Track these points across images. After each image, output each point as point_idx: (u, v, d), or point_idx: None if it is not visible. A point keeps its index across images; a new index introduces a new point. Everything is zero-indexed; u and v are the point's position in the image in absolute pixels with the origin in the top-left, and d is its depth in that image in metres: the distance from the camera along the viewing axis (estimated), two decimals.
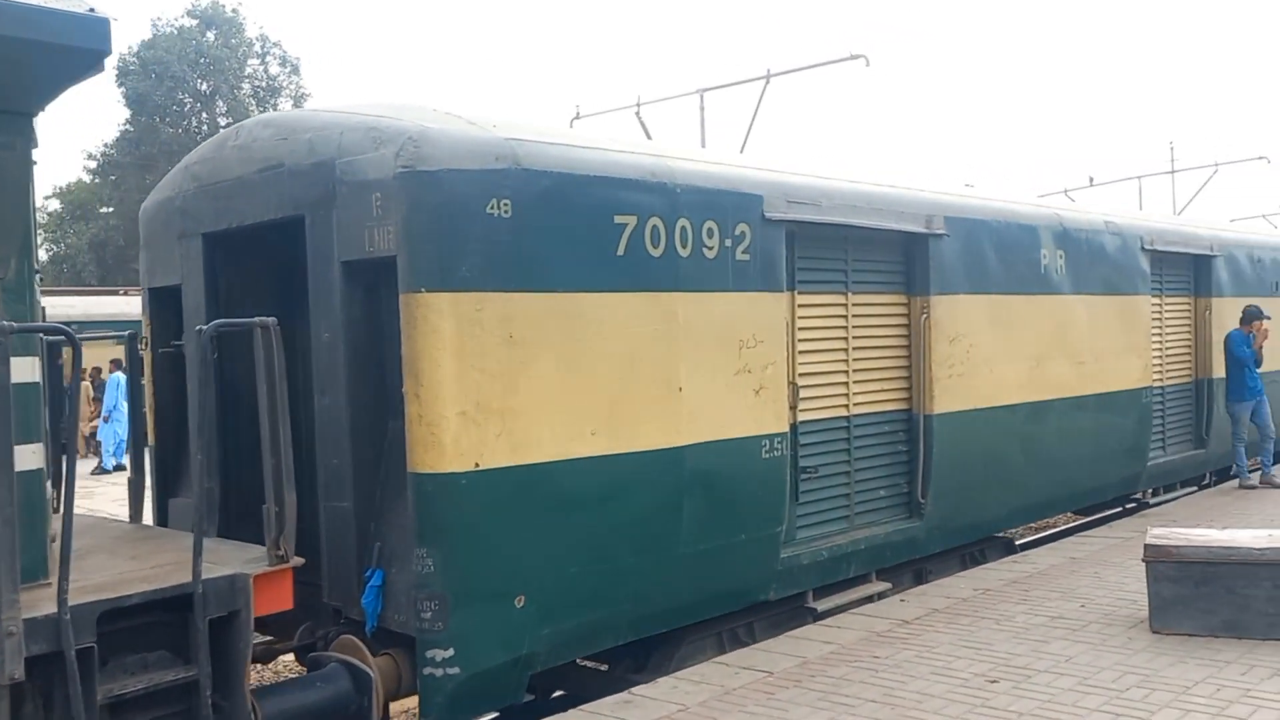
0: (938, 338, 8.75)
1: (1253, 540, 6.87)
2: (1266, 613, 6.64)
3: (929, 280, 8.70)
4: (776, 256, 7.39)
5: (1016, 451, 9.62)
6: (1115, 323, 10.96)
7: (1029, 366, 9.75)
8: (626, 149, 6.70)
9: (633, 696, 6.14)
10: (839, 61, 12.95)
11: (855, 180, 8.34)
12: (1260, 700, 5.62)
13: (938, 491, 8.78)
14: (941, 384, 8.76)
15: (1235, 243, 13.31)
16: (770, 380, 7.30)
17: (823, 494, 8.07)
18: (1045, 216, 10.09)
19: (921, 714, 5.60)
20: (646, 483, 6.54)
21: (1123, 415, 11.03)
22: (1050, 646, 6.68)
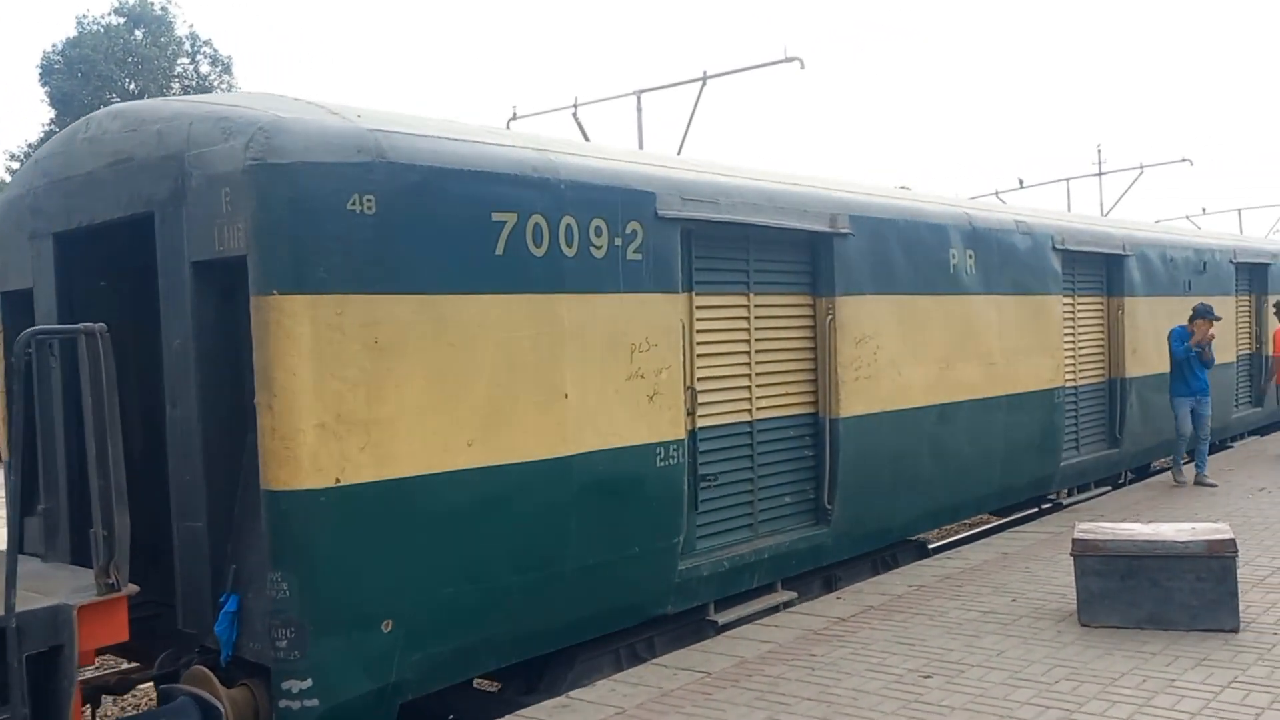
0: (844, 339, 8.41)
1: (1175, 534, 6.86)
2: (1189, 604, 6.65)
3: (834, 280, 8.35)
4: (671, 256, 6.98)
5: (926, 454, 9.31)
6: (1026, 323, 10.72)
7: (938, 368, 9.45)
8: (506, 142, 6.24)
9: (570, 700, 5.97)
10: (774, 64, 12.86)
11: (756, 178, 7.96)
12: (1184, 690, 5.63)
13: (845, 497, 8.43)
14: (848, 387, 8.42)
15: (1148, 242, 13.18)
16: (665, 385, 6.89)
17: (724, 502, 7.67)
18: (954, 216, 9.80)
19: (856, 710, 5.56)
20: (529, 495, 6.09)
21: (1035, 416, 10.80)
22: (982, 641, 6.65)
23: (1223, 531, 6.88)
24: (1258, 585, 7.68)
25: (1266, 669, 5.96)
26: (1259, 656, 6.18)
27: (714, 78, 13.10)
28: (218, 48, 58.84)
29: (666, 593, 7.05)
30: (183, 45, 49.67)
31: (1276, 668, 5.98)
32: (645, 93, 13.49)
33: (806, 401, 8.40)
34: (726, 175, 7.65)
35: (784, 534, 8.09)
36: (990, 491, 10.37)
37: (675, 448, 6.96)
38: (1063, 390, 11.34)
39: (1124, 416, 12.50)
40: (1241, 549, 7.08)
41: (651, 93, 13.60)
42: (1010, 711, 5.46)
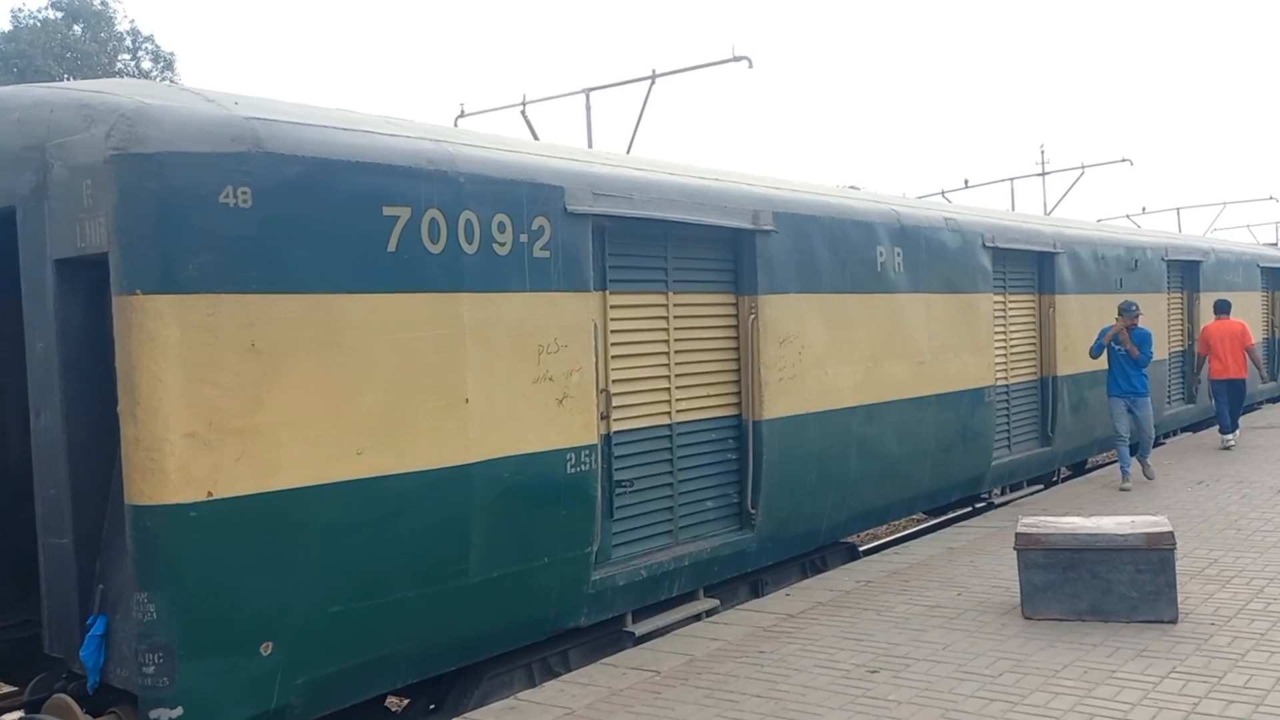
0: (767, 339, 8.12)
1: (1115, 527, 6.89)
2: (1128, 596, 6.69)
3: (757, 279, 8.05)
4: (582, 253, 6.64)
5: (854, 455, 9.06)
6: (956, 321, 10.51)
7: (865, 367, 9.20)
8: (400, 133, 5.86)
9: (518, 702, 5.87)
10: (723, 63, 12.67)
11: (675, 173, 7.64)
12: (1124, 681, 5.66)
13: (769, 501, 8.14)
14: (772, 388, 8.13)
15: (1079, 239, 13.05)
16: (576, 388, 6.55)
17: (642, 509, 7.35)
18: (882, 213, 9.56)
19: (805, 706, 5.54)
20: (426, 506, 5.72)
21: (965, 415, 10.59)
22: (928, 635, 6.66)
23: (1161, 524, 6.86)
24: (1195, 577, 7.67)
25: (1204, 659, 5.95)
26: (1196, 647, 6.17)
27: (663, 76, 12.97)
28: (160, 44, 57.75)
29: (580, 604, 6.71)
30: (123, 41, 48.54)
31: (1213, 658, 5.97)
32: (594, 91, 13.36)
33: (729, 403, 8.10)
34: (642, 170, 7.33)
35: (706, 540, 7.78)
36: (920, 492, 10.14)
37: (587, 453, 6.62)
38: (994, 389, 11.16)
39: (1056, 415, 12.36)
40: (1180, 541, 7.10)
41: (601, 91, 13.46)
42: (955, 705, 5.44)
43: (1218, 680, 5.62)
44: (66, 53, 45.75)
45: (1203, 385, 15.93)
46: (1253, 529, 9.23)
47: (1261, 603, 7.02)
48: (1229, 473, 12.29)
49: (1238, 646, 6.14)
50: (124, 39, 48.86)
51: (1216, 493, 11.09)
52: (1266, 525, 9.34)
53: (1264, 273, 20.38)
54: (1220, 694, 5.42)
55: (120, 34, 48.54)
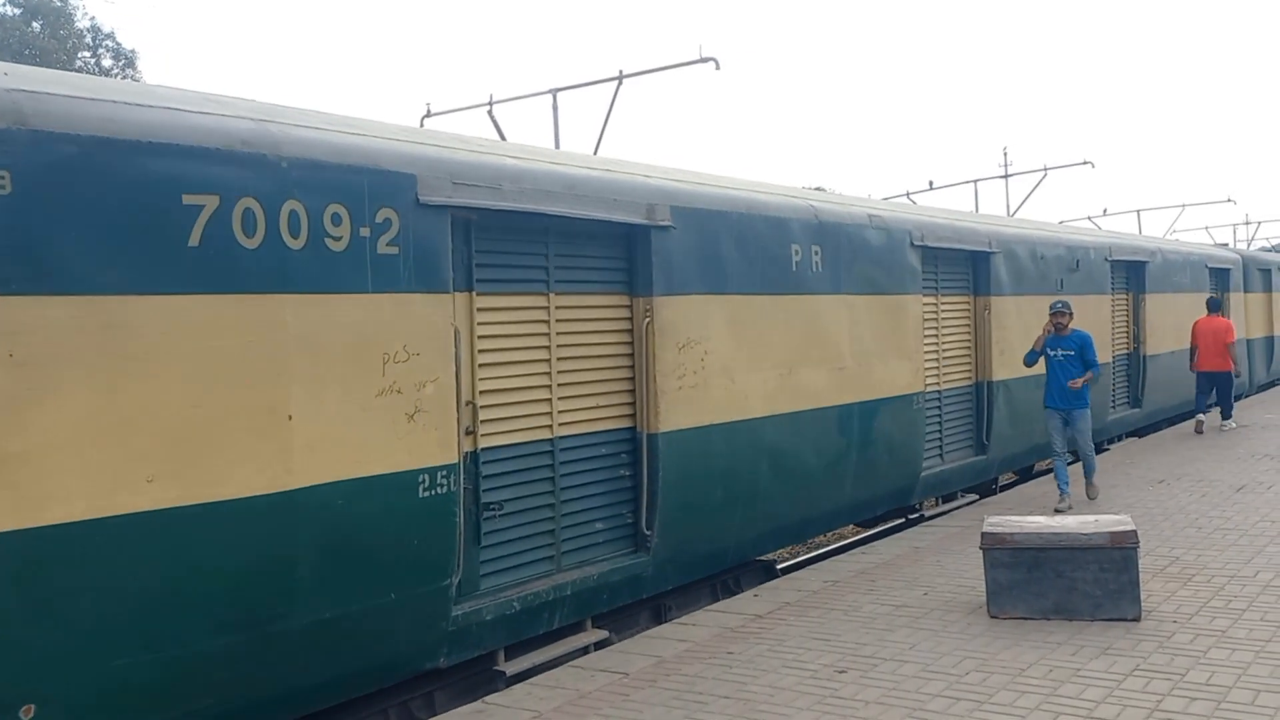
0: (664, 344, 7.40)
1: (1080, 525, 6.88)
2: (1092, 595, 6.67)
3: (652, 278, 7.33)
4: (438, 250, 5.88)
5: (765, 469, 8.36)
6: (882, 324, 9.85)
7: (778, 375, 8.51)
8: (210, 110, 5.07)
9: (485, 705, 5.72)
10: (690, 64, 12.34)
11: (556, 162, 6.90)
12: (1089, 679, 5.64)
13: (667, 520, 7.42)
14: (669, 397, 7.41)
15: (1016, 238, 12.44)
16: (431, 401, 5.79)
17: (517, 533, 6.60)
18: (797, 209, 8.87)
19: (773, 707, 5.49)
20: (238, 539, 4.94)
21: (891, 424, 9.93)
22: (895, 635, 6.61)
23: (1124, 523, 6.83)
24: (1158, 575, 7.60)
25: (1166, 657, 5.93)
26: (1159, 645, 6.13)
27: (630, 77, 12.62)
28: (121, 41, 56.38)
29: (437, 643, 5.96)
30: (83, 38, 47.20)
31: (1176, 655, 5.95)
32: (561, 91, 13.07)
33: (623, 415, 7.37)
34: (516, 157, 6.58)
35: (594, 565, 7.04)
36: (842, 506, 9.46)
37: (445, 474, 5.86)
38: (923, 395, 10.51)
39: (991, 421, 11.73)
40: (1142, 540, 7.08)
41: (568, 91, 13.19)
42: (922, 704, 5.39)
43: (1180, 677, 5.59)
44: (25, 50, 44.29)
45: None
46: (1213, 527, 9.18)
47: (1222, 600, 6.97)
48: (1189, 472, 12.18)
49: (1199, 644, 6.11)
50: (84, 36, 47.55)
51: (1177, 491, 10.97)
52: (1227, 524, 9.28)
53: (1213, 274, 19.93)
54: (1183, 691, 5.39)
55: (80, 31, 47.20)
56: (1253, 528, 9.08)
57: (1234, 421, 16.04)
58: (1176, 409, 17.92)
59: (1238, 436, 15.09)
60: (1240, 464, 12.56)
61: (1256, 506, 9.97)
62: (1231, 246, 26.89)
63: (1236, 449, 13.83)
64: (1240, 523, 9.30)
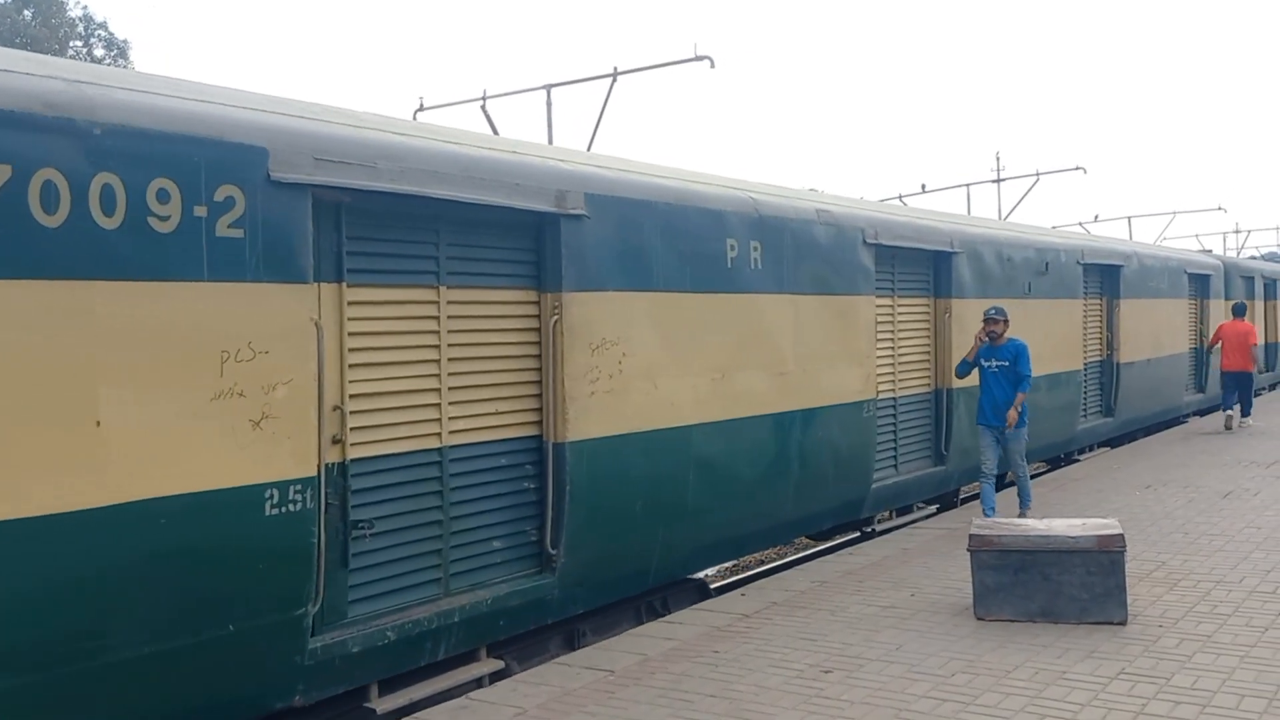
0: (574, 345, 6.69)
1: (1067, 529, 6.83)
2: (1078, 598, 6.63)
3: (561, 272, 6.62)
4: (295, 234, 5.16)
5: (695, 481, 7.65)
6: (830, 327, 9.15)
7: (711, 379, 7.80)
8: (14, 68, 4.35)
9: (469, 701, 5.64)
10: (685, 61, 12.36)
11: (448, 140, 6.19)
12: (1074, 682, 5.61)
13: (576, 538, 6.71)
14: (580, 403, 6.70)
15: (982, 238, 11.75)
16: (283, 406, 5.07)
17: (394, 554, 5.87)
18: (735, 201, 8.16)
19: (758, 706, 5.44)
20: (38, 562, 4.23)
21: (839, 432, 9.23)
22: (881, 635, 6.57)
23: (1112, 527, 6.81)
24: (1144, 579, 7.57)
25: (1152, 660, 5.91)
26: (1145, 648, 6.12)
27: (624, 74, 12.57)
28: (114, 31, 55.71)
29: (291, 679, 5.23)
30: (75, 27, 46.52)
31: (1162, 659, 5.92)
32: (555, 87, 13.05)
33: (528, 422, 6.66)
34: (397, 134, 5.86)
35: (488, 588, 6.32)
36: (782, 520, 8.76)
37: (300, 488, 5.14)
38: (875, 402, 9.81)
39: (951, 430, 11.02)
40: (1129, 544, 7.01)
41: (562, 87, 13.15)
42: (907, 705, 5.36)
43: (1165, 681, 5.58)
44: (16, 38, 43.58)
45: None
46: (1199, 533, 9.14)
47: (1208, 605, 6.94)
48: (1176, 477, 12.13)
49: (1185, 648, 6.10)
50: (76, 25, 46.90)
51: (1164, 496, 10.93)
52: (1213, 529, 9.25)
53: (1192, 279, 19.29)
54: (1168, 695, 5.37)
55: (72, 20, 46.64)
56: (1239, 534, 9.02)
57: (1252, 419, 16.90)
58: (1153, 419, 17.28)
59: (1225, 443, 15.05)
60: (1227, 470, 12.47)
61: (1243, 513, 9.90)
62: (1215, 253, 26.21)
63: (1223, 455, 13.74)
64: (1227, 529, 9.24)
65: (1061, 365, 13.46)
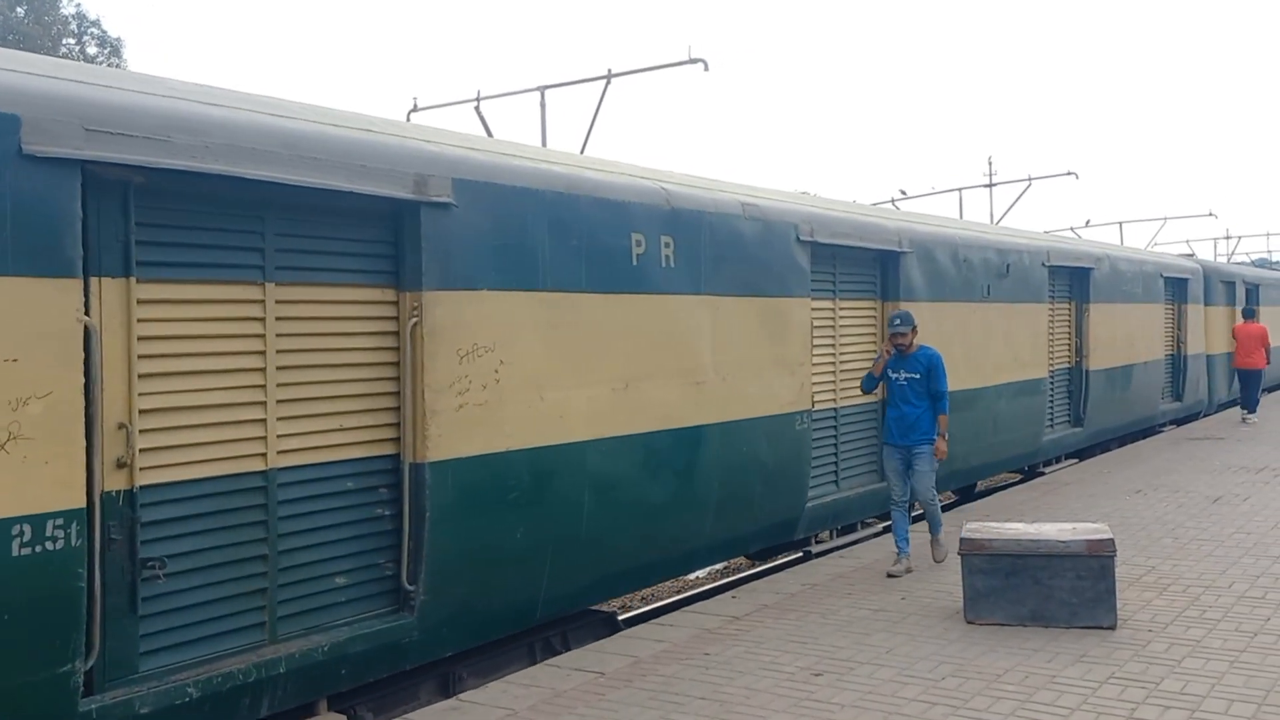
0: (437, 351, 5.83)
1: (1057, 533, 6.78)
2: (1069, 602, 6.58)
3: (421, 268, 5.77)
4: (59, 218, 4.30)
5: (591, 503, 6.79)
6: (757, 332, 8.29)
7: (611, 390, 6.94)
8: None
9: (460, 703, 5.59)
10: (678, 64, 12.17)
11: (273, 113, 5.32)
12: (1064, 686, 5.57)
13: (441, 571, 5.85)
14: (445, 418, 5.84)
15: (934, 238, 10.90)
16: (38, 424, 4.20)
17: (201, 595, 4.99)
18: (642, 191, 7.31)
19: (748, 708, 5.40)
20: None
21: (767, 447, 8.37)
22: (872, 639, 6.52)
23: (1102, 531, 6.75)
24: (1134, 584, 7.51)
25: (1142, 665, 5.87)
26: (1135, 653, 6.08)
27: (618, 76, 12.45)
28: (107, 28, 54.98)
29: None
30: (68, 25, 45.78)
31: (1151, 664, 5.89)
32: (550, 89, 12.92)
33: (383, 439, 5.79)
34: (204, 103, 4.99)
35: (327, 632, 5.46)
36: (699, 545, 7.89)
37: (63, 522, 4.27)
38: (811, 414, 8.96)
39: None
40: (1119, 549, 6.95)
41: (556, 89, 13.06)
42: (898, 708, 5.32)
43: (1155, 686, 5.54)
44: (9, 35, 42.81)
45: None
46: (1189, 538, 9.07)
47: (1197, 610, 6.89)
48: (1166, 482, 12.03)
49: (1174, 653, 6.06)
50: (69, 23, 46.19)
51: (1154, 501, 10.86)
52: (1202, 534, 9.18)
53: (1169, 284, 18.46)
54: (1157, 699, 5.34)
55: (65, 17, 45.91)
56: (1228, 539, 8.96)
57: (1256, 416, 18.03)
58: (1126, 428, 16.44)
59: (1215, 448, 14.96)
60: (1216, 476, 12.41)
61: (1232, 518, 9.84)
62: (1197, 257, 25.36)
63: (1213, 460, 13.69)
64: (1216, 534, 9.18)
65: (1024, 373, 12.63)
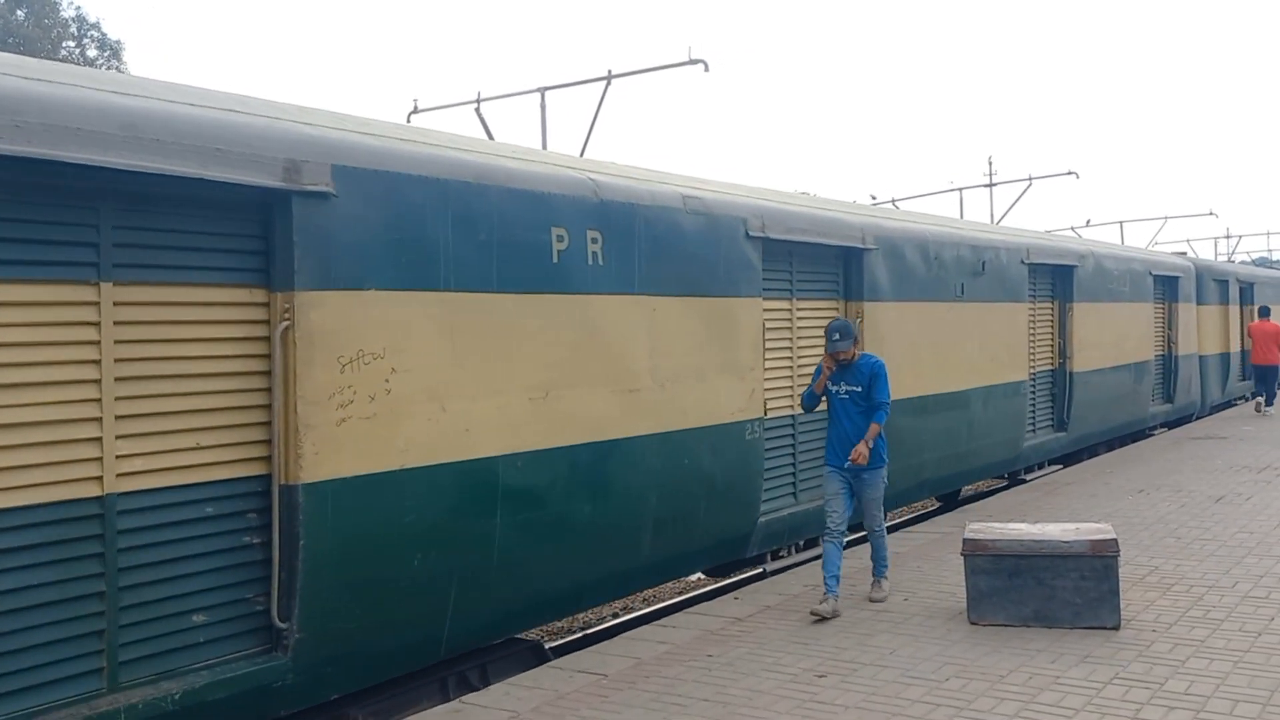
0: (315, 359, 5.14)
1: (1061, 533, 6.71)
2: (1072, 602, 6.52)
3: (294, 266, 5.08)
4: None
5: (505, 525, 6.10)
6: (701, 335, 7.60)
7: (529, 399, 6.25)
8: None
9: (463, 705, 5.55)
10: (679, 65, 12.15)
11: (114, 89, 4.63)
12: (1068, 687, 5.51)
13: (319, 606, 5.17)
14: (323, 433, 5.15)
15: (902, 233, 10.20)
16: None
17: (16, 642, 4.30)
18: (566, 182, 6.61)
19: (752, 710, 5.34)
20: None
21: (713, 459, 7.67)
22: (875, 640, 6.45)
23: (1105, 532, 6.69)
24: (1137, 584, 7.43)
25: (1146, 665, 5.82)
26: (1139, 653, 6.03)
27: (619, 77, 12.39)
28: (106, 31, 54.68)
29: None
30: (68, 27, 45.42)
31: (1155, 664, 5.83)
32: (550, 90, 12.85)
33: (252, 458, 5.10)
34: (21, 76, 4.30)
35: (178, 678, 4.76)
36: (636, 566, 7.20)
37: None
38: (763, 422, 8.26)
39: None
40: (1122, 549, 6.88)
41: (556, 90, 12.96)
42: (902, 709, 5.27)
43: (1159, 686, 5.49)
44: (9, 38, 42.43)
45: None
46: (1192, 537, 8.98)
47: (1201, 610, 6.81)
48: (1169, 482, 11.93)
49: (1178, 653, 6.01)
50: (69, 25, 45.85)
51: (1156, 501, 10.73)
52: (1205, 534, 9.07)
53: (1159, 282, 17.74)
54: (1162, 700, 5.29)
55: (65, 20, 45.63)
56: (1231, 539, 8.86)
57: (1273, 409, 19.13)
58: (1113, 432, 15.73)
59: (1217, 448, 14.78)
60: (1219, 475, 12.29)
61: (1235, 518, 9.73)
62: (1190, 255, 24.61)
63: (1215, 460, 13.53)
64: (1219, 533, 9.07)
65: (1002, 376, 11.93)
